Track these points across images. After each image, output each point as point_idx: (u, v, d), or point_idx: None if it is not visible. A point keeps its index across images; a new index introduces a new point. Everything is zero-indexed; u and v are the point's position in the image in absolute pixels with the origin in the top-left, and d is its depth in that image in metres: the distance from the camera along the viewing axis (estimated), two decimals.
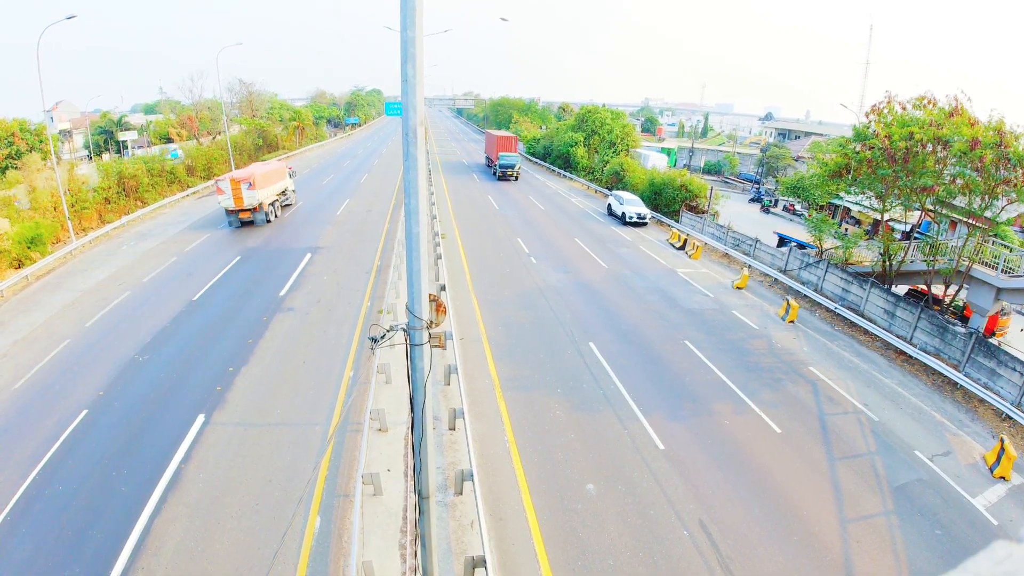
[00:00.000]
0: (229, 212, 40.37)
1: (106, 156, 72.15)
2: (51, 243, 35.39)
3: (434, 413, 17.72)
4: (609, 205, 50.12)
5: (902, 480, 16.28)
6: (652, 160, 71.04)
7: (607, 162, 63.00)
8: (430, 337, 8.39)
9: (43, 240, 33.78)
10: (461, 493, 14.57)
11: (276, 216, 43.99)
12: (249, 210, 40.39)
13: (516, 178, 67.72)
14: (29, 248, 32.56)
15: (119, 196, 45.43)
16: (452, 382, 19.51)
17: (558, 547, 13.22)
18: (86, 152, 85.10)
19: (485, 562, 11.35)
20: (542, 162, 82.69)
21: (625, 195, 48.91)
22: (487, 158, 78.41)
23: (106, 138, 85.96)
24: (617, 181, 57.77)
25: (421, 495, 9.41)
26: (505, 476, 15.58)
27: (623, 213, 46.74)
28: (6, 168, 45.13)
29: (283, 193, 46.51)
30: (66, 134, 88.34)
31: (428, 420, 8.95)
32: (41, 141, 47.95)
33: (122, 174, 46.23)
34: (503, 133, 78.11)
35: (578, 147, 70.65)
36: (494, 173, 69.56)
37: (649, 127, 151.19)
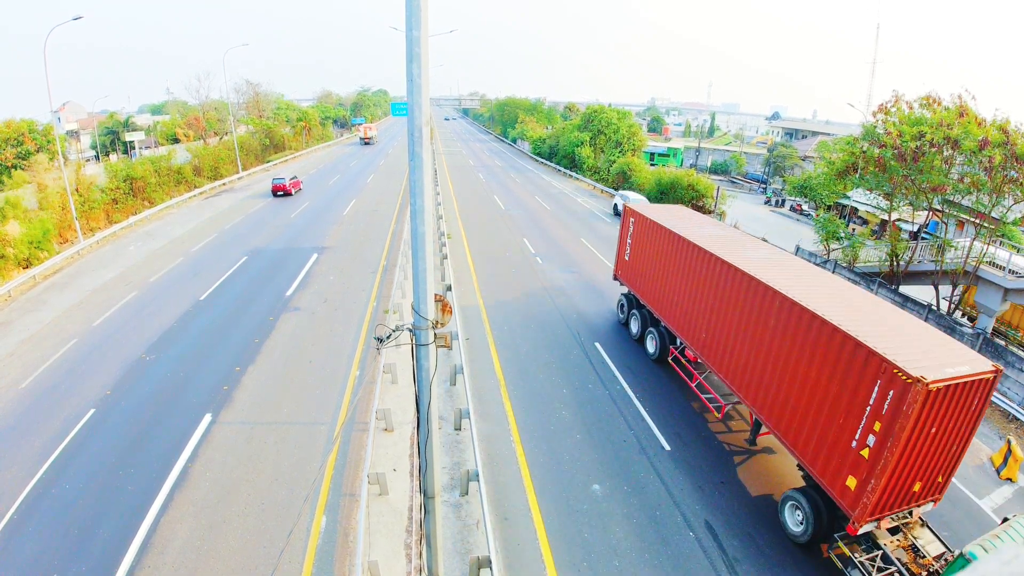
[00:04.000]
0: (361, 139, 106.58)
1: (113, 157, 72.49)
2: (58, 242, 35.54)
3: (440, 413, 17.72)
4: (615, 205, 49.96)
5: None
6: None
7: (613, 162, 62.92)
8: (436, 337, 8.38)
9: (48, 237, 33.88)
10: (467, 493, 14.57)
11: (373, 144, 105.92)
12: (368, 139, 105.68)
13: None
14: (37, 248, 32.70)
15: (126, 196, 45.68)
16: (458, 382, 19.51)
17: (564, 547, 13.20)
18: (93, 153, 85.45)
19: (490, 562, 11.34)
20: (548, 162, 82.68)
21: (632, 195, 48.79)
22: (644, 319, 23.06)
23: (113, 139, 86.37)
24: (623, 181, 57.71)
25: (427, 495, 9.41)
26: (511, 476, 15.56)
27: None
28: (15, 167, 45.41)
29: (376, 135, 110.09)
30: (73, 134, 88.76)
31: (434, 420, 8.95)
32: (49, 142, 48.28)
33: (130, 175, 46.53)
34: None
35: (584, 147, 70.60)
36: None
37: (655, 127, 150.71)
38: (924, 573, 11.80)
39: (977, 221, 26.43)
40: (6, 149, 46.86)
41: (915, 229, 37.34)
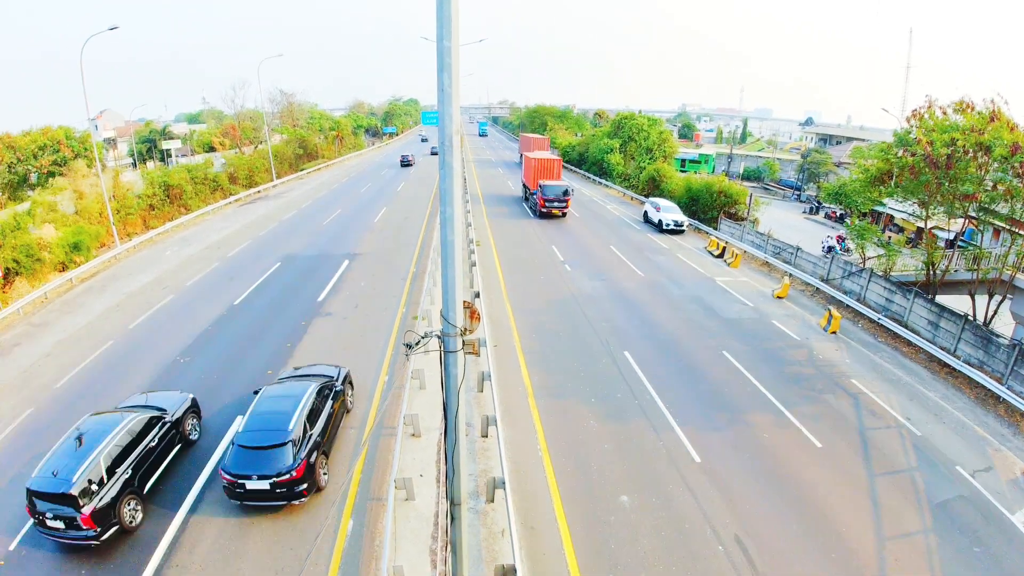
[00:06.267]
0: (420, 137, 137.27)
1: (150, 164, 74.16)
2: (95, 248, 36.39)
3: (467, 419, 17.70)
4: (645, 212, 49.64)
5: (943, 496, 15.72)
6: None
7: (643, 168, 62.52)
8: (464, 344, 8.38)
9: (86, 246, 34.75)
10: (493, 501, 14.52)
11: (428, 141, 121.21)
12: (425, 137, 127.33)
13: None
14: (73, 252, 33.53)
15: (163, 203, 46.73)
16: (485, 389, 19.49)
17: (590, 559, 13.07)
18: (130, 160, 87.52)
19: (516, 571, 11.26)
20: (577, 169, 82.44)
21: (662, 202, 48.41)
22: None
23: (149, 147, 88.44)
24: (654, 188, 57.29)
25: (453, 501, 9.39)
26: (537, 485, 15.48)
27: (660, 220, 46.21)
28: (52, 174, 46.66)
29: (428, 135, 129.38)
30: (110, 142, 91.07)
31: (461, 426, 8.94)
32: (86, 149, 49.47)
33: (167, 183, 47.66)
34: None
35: (614, 154, 70.22)
36: None
37: (686, 133, 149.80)
38: None
39: (1013, 229, 25.69)
40: (43, 156, 48.07)
41: (951, 237, 36.44)
